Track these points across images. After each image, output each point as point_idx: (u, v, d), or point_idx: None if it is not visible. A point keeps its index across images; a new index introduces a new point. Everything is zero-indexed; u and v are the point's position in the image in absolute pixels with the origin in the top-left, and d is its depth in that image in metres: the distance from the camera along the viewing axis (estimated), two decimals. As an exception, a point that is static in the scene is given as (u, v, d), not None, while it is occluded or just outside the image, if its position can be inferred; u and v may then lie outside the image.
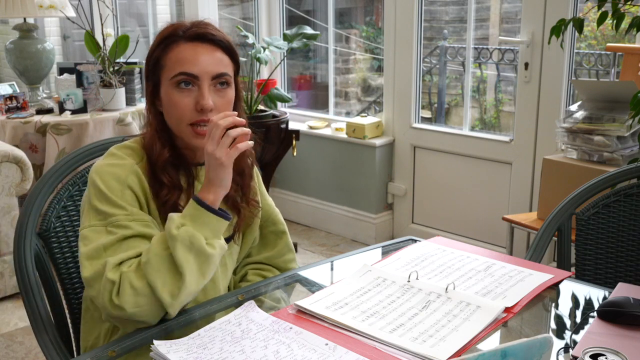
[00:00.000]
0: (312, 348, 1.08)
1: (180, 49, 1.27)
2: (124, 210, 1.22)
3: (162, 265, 1.16)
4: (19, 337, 2.74)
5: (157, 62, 1.28)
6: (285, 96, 3.52)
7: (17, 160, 3.01)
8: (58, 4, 3.72)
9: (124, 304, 1.15)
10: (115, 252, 1.19)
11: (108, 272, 1.16)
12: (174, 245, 1.16)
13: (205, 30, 1.28)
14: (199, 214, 1.19)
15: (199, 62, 1.26)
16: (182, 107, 1.26)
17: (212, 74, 1.27)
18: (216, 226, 1.21)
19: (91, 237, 1.21)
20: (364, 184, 3.71)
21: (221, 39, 1.29)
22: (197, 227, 1.18)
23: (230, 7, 4.47)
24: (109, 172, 1.25)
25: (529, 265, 1.43)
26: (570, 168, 2.50)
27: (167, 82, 1.27)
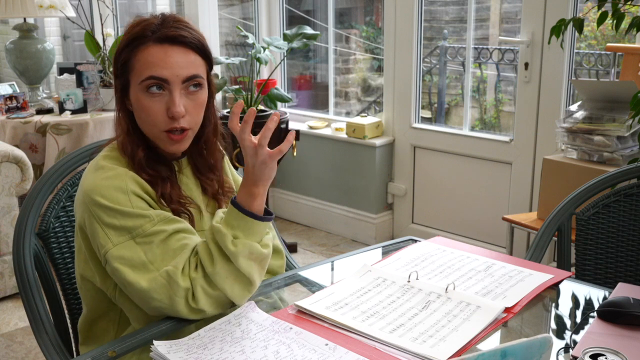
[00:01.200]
0: (312, 348, 1.08)
1: (149, 51, 1.22)
2: (144, 218, 1.19)
3: (229, 275, 1.18)
4: (19, 337, 2.74)
5: (126, 63, 1.24)
6: (285, 96, 3.53)
7: (17, 160, 3.01)
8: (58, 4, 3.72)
9: (203, 306, 1.18)
10: (164, 260, 1.18)
11: (179, 281, 1.16)
12: (237, 260, 1.17)
13: (176, 33, 1.22)
14: (249, 225, 1.19)
15: (169, 65, 1.21)
16: (153, 113, 1.23)
17: (183, 77, 1.22)
18: (264, 230, 1.22)
19: (125, 254, 1.18)
20: (364, 184, 3.71)
21: (193, 39, 1.24)
22: (250, 237, 1.19)
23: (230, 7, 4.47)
24: (107, 186, 1.21)
25: (529, 265, 1.43)
26: (570, 168, 2.50)
27: (137, 86, 1.23)
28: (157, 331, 1.20)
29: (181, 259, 1.18)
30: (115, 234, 1.19)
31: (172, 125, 1.23)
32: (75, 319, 1.50)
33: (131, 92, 1.25)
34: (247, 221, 1.19)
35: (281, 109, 3.72)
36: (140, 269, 1.18)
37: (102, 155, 1.29)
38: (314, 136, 3.88)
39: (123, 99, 1.28)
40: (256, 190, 1.20)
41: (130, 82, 1.24)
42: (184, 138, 1.26)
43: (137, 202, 1.21)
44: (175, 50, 1.22)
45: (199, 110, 1.27)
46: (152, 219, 1.20)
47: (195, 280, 1.17)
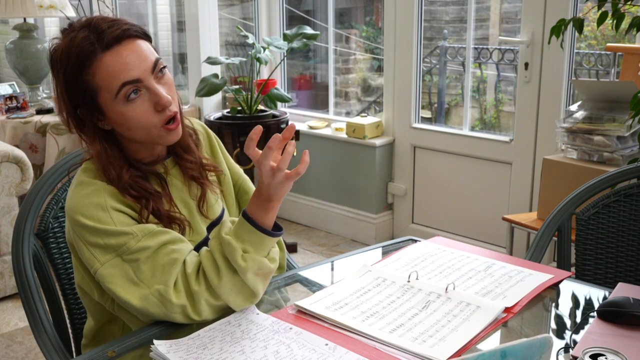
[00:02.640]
0: (312, 348, 1.08)
1: (104, 63, 1.15)
2: (127, 235, 1.16)
3: (234, 288, 1.17)
4: (19, 337, 2.74)
5: (86, 88, 1.16)
6: (285, 96, 3.53)
7: (17, 160, 3.01)
8: (58, 4, 3.72)
9: (204, 317, 1.18)
10: (153, 276, 1.16)
11: (172, 299, 1.14)
12: (245, 275, 1.16)
13: (118, 30, 1.16)
14: (260, 240, 1.17)
15: (132, 64, 1.16)
16: (142, 116, 1.18)
17: (150, 67, 1.18)
18: (273, 244, 1.21)
19: (113, 272, 1.16)
20: (364, 184, 3.71)
21: (131, 27, 1.18)
22: (259, 252, 1.18)
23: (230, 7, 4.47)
24: (86, 204, 1.17)
25: (529, 265, 1.43)
26: (570, 168, 2.50)
27: (112, 103, 1.17)
28: (157, 331, 1.20)
29: (171, 275, 1.16)
30: (100, 252, 1.17)
31: (165, 116, 1.20)
32: (74, 318, 1.50)
33: (107, 111, 1.19)
34: (259, 236, 1.17)
35: (281, 109, 3.72)
36: (131, 287, 1.16)
37: (82, 168, 1.26)
38: (314, 136, 3.88)
39: (95, 124, 1.21)
40: (270, 205, 1.18)
41: (102, 103, 1.18)
42: (178, 125, 1.23)
43: (118, 217, 1.18)
44: (126, 47, 1.16)
45: (174, 90, 1.23)
46: (135, 235, 1.17)
47: (198, 294, 1.16)
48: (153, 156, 1.29)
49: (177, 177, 1.32)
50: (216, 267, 1.16)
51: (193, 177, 1.33)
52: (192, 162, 1.32)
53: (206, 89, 3.24)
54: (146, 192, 1.23)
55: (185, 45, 4.10)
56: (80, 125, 1.22)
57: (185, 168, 1.32)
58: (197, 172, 1.34)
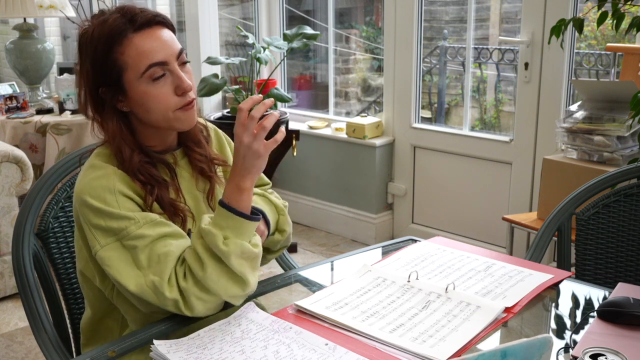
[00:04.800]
0: (312, 348, 1.08)
1: (134, 42, 1.20)
2: (129, 220, 1.18)
3: (221, 277, 1.17)
4: (19, 337, 2.74)
5: (114, 65, 1.20)
6: (285, 96, 3.52)
7: (17, 160, 3.01)
8: (58, 4, 3.72)
9: (197, 313, 1.18)
10: (150, 265, 1.17)
11: (165, 292, 1.16)
12: (229, 260, 1.16)
13: (149, 15, 1.22)
14: (239, 225, 1.18)
15: (160, 47, 1.21)
16: (162, 98, 1.22)
17: (176, 54, 1.23)
18: (253, 229, 1.21)
19: (112, 255, 1.18)
20: (364, 184, 3.71)
21: (163, 17, 1.25)
22: (240, 236, 1.18)
23: (230, 7, 4.47)
24: (95, 186, 1.20)
25: (529, 265, 1.43)
26: (570, 168, 2.50)
27: (137, 81, 1.21)
28: (157, 331, 1.20)
29: (166, 267, 1.17)
30: (101, 235, 1.19)
31: (184, 101, 1.24)
32: (74, 318, 1.50)
33: (130, 90, 1.22)
34: (237, 220, 1.18)
35: (281, 109, 3.72)
36: (128, 271, 1.17)
37: (95, 153, 1.28)
38: (314, 136, 3.88)
39: (115, 105, 1.24)
40: (244, 185, 1.19)
41: (126, 81, 1.21)
42: (194, 109, 1.27)
43: (124, 202, 1.20)
44: (155, 32, 1.22)
45: (193, 81, 1.28)
46: (137, 222, 1.18)
47: (186, 291, 1.16)
48: (164, 145, 1.31)
49: (186, 168, 1.35)
50: (199, 259, 1.17)
51: (202, 170, 1.35)
52: (201, 155, 1.35)
53: (206, 89, 3.24)
54: (153, 179, 1.25)
55: (186, 45, 4.10)
56: (98, 106, 1.25)
57: (195, 160, 1.35)
58: (206, 165, 1.36)
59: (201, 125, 1.39)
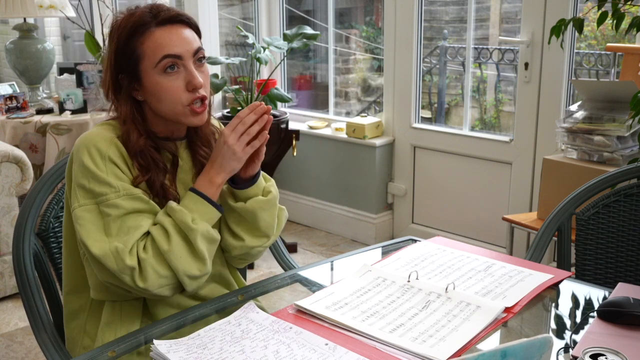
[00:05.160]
0: (312, 348, 1.08)
1: (155, 35, 1.28)
2: (110, 188, 1.24)
3: (184, 253, 1.23)
4: (19, 337, 2.74)
5: (133, 53, 1.28)
6: (285, 96, 3.53)
7: (17, 160, 3.01)
8: (58, 4, 3.72)
9: (149, 286, 1.22)
10: (118, 234, 1.22)
11: (126, 259, 1.20)
12: (195, 237, 1.23)
13: (174, 12, 1.30)
14: (206, 210, 1.27)
15: (178, 42, 1.28)
16: (173, 90, 1.28)
17: (192, 51, 1.30)
18: (216, 218, 1.30)
19: (86, 216, 1.23)
20: (364, 184, 3.71)
21: (188, 17, 1.33)
22: (205, 220, 1.26)
23: (230, 7, 4.47)
24: (90, 146, 1.27)
25: (529, 265, 1.43)
26: (570, 168, 2.50)
27: (151, 71, 1.28)
28: (157, 331, 1.20)
29: (132, 237, 1.22)
30: (82, 195, 1.25)
31: (194, 96, 1.29)
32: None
33: (145, 79, 1.29)
34: (205, 205, 1.27)
35: (281, 109, 3.72)
36: (96, 235, 1.22)
37: (103, 122, 1.36)
38: (314, 136, 3.88)
39: (130, 92, 1.31)
40: (216, 179, 1.28)
41: (142, 70, 1.28)
42: (205, 109, 1.33)
43: (112, 169, 1.26)
44: (177, 29, 1.30)
45: (208, 81, 1.34)
46: (117, 190, 1.24)
47: (144, 261, 1.21)
48: (168, 132, 1.36)
49: (186, 161, 1.38)
50: (165, 233, 1.23)
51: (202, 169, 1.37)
52: (206, 154, 1.39)
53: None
54: (153, 162, 1.30)
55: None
56: (116, 91, 1.32)
57: (198, 157, 1.39)
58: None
59: (214, 129, 1.44)
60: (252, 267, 3.39)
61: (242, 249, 1.38)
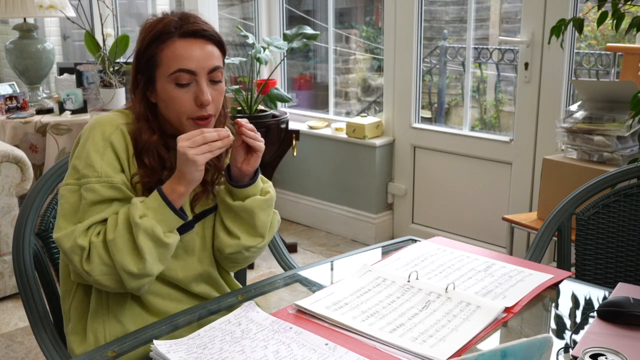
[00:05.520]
0: (312, 348, 1.08)
1: (175, 45, 1.29)
2: (94, 172, 1.25)
3: (124, 246, 1.22)
4: (19, 337, 2.74)
5: (152, 58, 1.30)
6: (285, 96, 3.52)
7: (17, 160, 3.01)
8: (58, 4, 3.72)
9: (92, 271, 1.23)
10: (83, 217, 1.25)
11: (78, 238, 1.22)
12: (137, 232, 1.22)
13: (199, 27, 1.31)
14: (161, 211, 1.25)
15: (195, 58, 1.29)
16: (181, 103, 1.30)
17: (208, 69, 1.30)
18: (174, 223, 1.27)
19: (67, 196, 1.26)
20: (364, 184, 3.71)
21: (213, 33, 1.33)
22: (158, 221, 1.24)
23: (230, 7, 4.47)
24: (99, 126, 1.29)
25: (529, 265, 1.43)
26: (570, 168, 2.50)
27: (165, 79, 1.30)
28: (157, 331, 1.20)
29: (91, 220, 1.24)
30: (72, 173, 1.28)
31: (200, 113, 1.31)
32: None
33: (158, 85, 1.31)
34: (162, 206, 1.25)
35: (281, 109, 3.72)
36: (67, 213, 1.25)
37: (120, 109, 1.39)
38: (314, 136, 3.88)
39: (145, 93, 1.33)
40: (178, 188, 1.26)
41: (157, 76, 1.31)
42: (209, 124, 1.33)
43: (109, 154, 1.28)
44: (199, 44, 1.31)
45: (220, 98, 1.35)
46: (98, 176, 1.26)
47: (93, 245, 1.23)
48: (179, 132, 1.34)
49: None
50: (115, 223, 1.24)
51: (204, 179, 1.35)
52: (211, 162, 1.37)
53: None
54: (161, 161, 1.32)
55: (185, 45, 4.09)
56: (135, 88, 1.35)
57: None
58: (210, 174, 1.39)
59: None
60: (252, 267, 3.39)
61: (237, 247, 1.37)
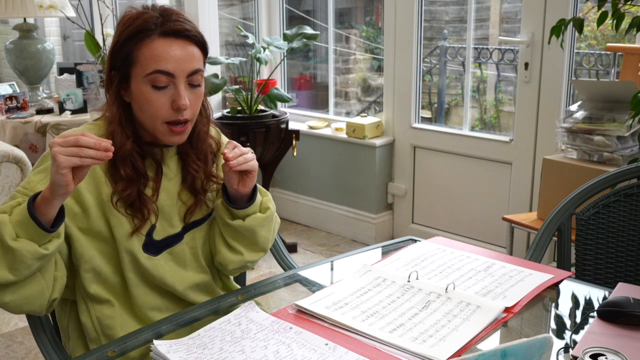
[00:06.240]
0: (312, 348, 1.08)
1: (154, 45, 1.22)
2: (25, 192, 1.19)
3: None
4: (19, 337, 2.74)
5: (128, 56, 1.23)
6: (285, 96, 3.52)
7: (17, 160, 3.01)
8: (58, 4, 3.72)
9: None
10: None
11: None
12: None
13: (181, 26, 1.23)
14: (23, 213, 1.12)
15: (174, 59, 1.22)
16: (157, 105, 1.23)
17: (188, 72, 1.24)
18: (30, 230, 1.12)
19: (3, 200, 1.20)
20: (364, 184, 3.71)
21: (195, 33, 1.26)
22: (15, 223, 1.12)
23: (230, 7, 4.47)
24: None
25: (529, 265, 1.43)
26: (570, 168, 2.50)
27: (141, 79, 1.23)
28: (157, 331, 1.20)
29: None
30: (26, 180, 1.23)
31: (176, 118, 1.24)
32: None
33: (133, 84, 1.24)
34: (23, 209, 1.12)
35: (281, 109, 3.72)
36: None
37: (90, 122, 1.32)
38: (314, 136, 3.88)
39: (119, 91, 1.26)
40: (45, 192, 1.11)
41: (132, 75, 1.24)
42: (185, 130, 1.27)
43: None
44: (179, 44, 1.23)
45: (198, 102, 1.29)
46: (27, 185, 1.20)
47: None
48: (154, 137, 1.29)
49: (172, 167, 1.34)
50: None
51: (193, 183, 1.34)
52: (198, 167, 1.34)
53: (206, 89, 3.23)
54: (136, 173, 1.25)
55: (185, 45, 4.09)
56: (109, 86, 1.28)
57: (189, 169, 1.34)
58: (199, 181, 1.35)
59: (215, 141, 1.40)
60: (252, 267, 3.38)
61: (240, 263, 1.36)
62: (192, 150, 1.34)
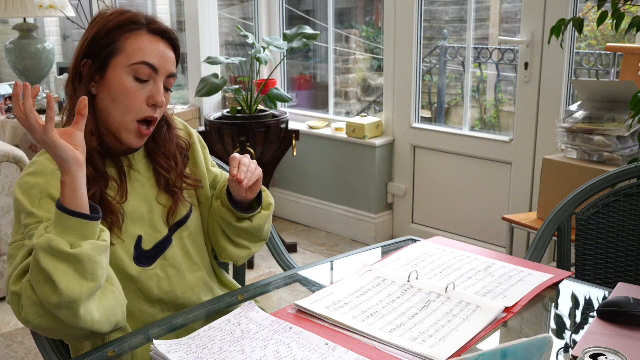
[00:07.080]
0: (312, 348, 1.08)
1: (143, 38, 1.24)
2: (35, 218, 1.13)
3: (37, 277, 1.05)
4: (19, 337, 2.74)
5: (113, 44, 1.21)
6: (285, 96, 3.52)
7: (17, 160, 3.01)
8: (58, 4, 3.72)
9: (28, 315, 1.08)
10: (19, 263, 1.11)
11: (11, 285, 1.09)
12: (37, 255, 1.04)
13: (167, 29, 1.27)
14: (60, 220, 1.05)
15: (160, 56, 1.24)
16: (134, 98, 1.22)
17: (168, 73, 1.26)
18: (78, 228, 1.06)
19: (14, 254, 1.14)
20: (364, 184, 3.71)
21: (176, 39, 1.30)
22: (59, 233, 1.05)
23: (230, 7, 4.47)
24: (29, 183, 1.17)
25: (529, 265, 1.43)
26: (570, 168, 2.50)
27: (123, 68, 1.21)
28: (157, 331, 1.20)
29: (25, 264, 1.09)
30: (17, 231, 1.16)
31: (149, 114, 1.24)
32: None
33: (111, 73, 1.22)
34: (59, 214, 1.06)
35: (281, 109, 3.72)
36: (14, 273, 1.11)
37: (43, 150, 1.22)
38: (314, 136, 3.88)
39: (89, 83, 1.23)
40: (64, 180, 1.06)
41: (112, 64, 1.22)
42: (149, 134, 1.26)
43: (46, 203, 1.15)
44: (165, 45, 1.27)
45: (166, 107, 1.30)
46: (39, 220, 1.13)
47: (23, 285, 1.08)
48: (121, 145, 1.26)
49: (143, 172, 1.33)
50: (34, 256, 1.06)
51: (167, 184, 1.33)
52: (170, 167, 1.33)
53: (206, 89, 3.24)
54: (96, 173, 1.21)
55: (186, 45, 4.10)
56: (75, 80, 1.24)
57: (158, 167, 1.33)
58: (172, 182, 1.34)
59: (184, 141, 1.39)
60: (252, 267, 3.39)
61: (249, 256, 1.46)
62: (160, 150, 1.33)
